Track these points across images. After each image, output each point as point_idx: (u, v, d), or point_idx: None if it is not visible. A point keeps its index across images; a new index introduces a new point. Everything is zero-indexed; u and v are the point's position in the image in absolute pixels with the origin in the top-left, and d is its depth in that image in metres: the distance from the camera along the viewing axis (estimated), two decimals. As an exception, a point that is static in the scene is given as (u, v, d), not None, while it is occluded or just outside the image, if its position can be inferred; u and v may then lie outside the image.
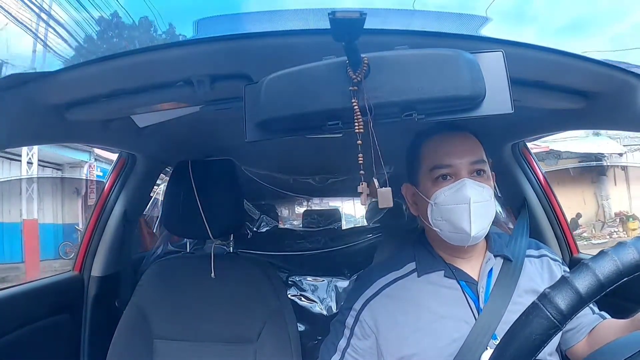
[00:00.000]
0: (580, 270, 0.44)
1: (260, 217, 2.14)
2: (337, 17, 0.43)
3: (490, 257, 0.79)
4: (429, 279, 0.79)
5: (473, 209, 0.71)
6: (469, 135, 0.79)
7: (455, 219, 0.72)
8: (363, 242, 1.92)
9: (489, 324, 0.72)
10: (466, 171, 0.74)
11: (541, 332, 0.43)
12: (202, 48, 0.63)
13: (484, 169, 0.76)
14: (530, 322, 0.44)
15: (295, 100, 0.53)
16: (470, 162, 0.75)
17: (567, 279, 0.44)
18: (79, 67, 0.64)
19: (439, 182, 0.75)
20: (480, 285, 0.77)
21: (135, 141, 1.18)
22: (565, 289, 0.44)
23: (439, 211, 0.74)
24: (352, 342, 0.79)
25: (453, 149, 0.76)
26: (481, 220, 0.72)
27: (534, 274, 0.80)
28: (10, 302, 1.08)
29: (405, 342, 0.74)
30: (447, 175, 0.75)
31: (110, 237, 1.36)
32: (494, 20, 0.63)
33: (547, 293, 0.44)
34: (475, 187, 0.73)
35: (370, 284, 0.81)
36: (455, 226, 0.72)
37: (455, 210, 0.72)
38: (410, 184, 0.82)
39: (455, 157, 0.75)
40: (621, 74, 0.67)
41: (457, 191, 0.73)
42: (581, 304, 0.43)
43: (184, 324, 1.10)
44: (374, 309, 0.78)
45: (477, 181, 0.74)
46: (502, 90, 0.53)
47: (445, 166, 0.75)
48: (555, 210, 1.27)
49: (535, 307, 0.45)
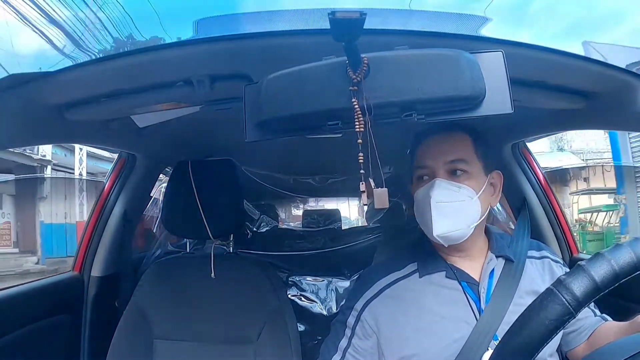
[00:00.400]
0: (596, 259, 0.45)
1: (260, 217, 2.15)
2: (337, 17, 0.43)
3: (492, 257, 0.79)
4: (430, 280, 0.78)
5: (434, 209, 0.72)
6: (454, 135, 0.78)
7: (422, 216, 0.75)
8: (363, 242, 1.92)
9: (490, 325, 0.72)
10: (442, 171, 0.76)
11: (555, 318, 0.43)
12: (202, 48, 0.63)
13: (462, 169, 0.75)
14: (545, 307, 0.44)
15: (295, 100, 0.53)
16: (444, 162, 0.76)
17: (583, 267, 0.44)
18: (79, 67, 0.63)
19: (420, 182, 0.78)
20: (482, 286, 0.76)
21: (135, 141, 1.18)
22: (581, 276, 0.44)
23: (416, 209, 0.78)
24: (353, 341, 0.79)
25: (430, 150, 0.78)
26: (445, 220, 0.72)
27: (535, 275, 0.79)
28: (10, 302, 1.08)
29: (406, 342, 0.74)
30: (425, 176, 0.77)
31: (110, 237, 1.36)
32: (493, 20, 0.63)
33: (563, 279, 0.44)
34: (446, 187, 0.74)
35: (371, 285, 0.81)
36: (425, 224, 0.75)
37: (423, 208, 0.75)
38: (411, 184, 0.83)
39: (431, 157, 0.77)
40: (621, 74, 0.67)
41: (426, 189, 0.75)
42: (596, 292, 0.43)
43: (184, 324, 1.10)
44: (375, 309, 0.78)
45: (453, 181, 0.74)
46: (502, 90, 0.53)
47: (424, 167, 0.77)
48: (555, 210, 1.27)
49: (550, 292, 0.45)
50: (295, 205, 4.12)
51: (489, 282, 0.77)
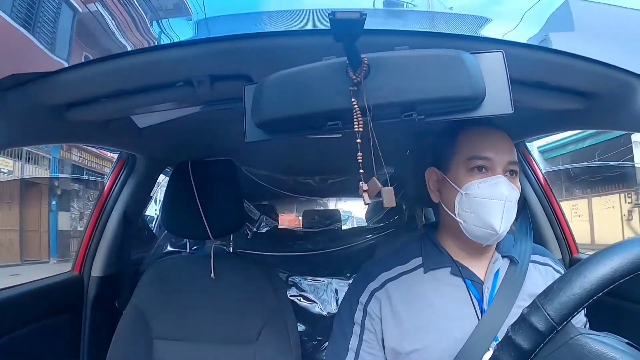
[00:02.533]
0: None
1: (260, 218, 2.15)
2: (337, 18, 0.43)
3: (498, 257, 0.78)
4: (434, 276, 0.78)
5: (507, 206, 0.71)
6: (507, 135, 0.78)
7: (485, 213, 0.71)
8: (363, 243, 1.92)
9: (492, 326, 0.71)
10: (502, 169, 0.73)
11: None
12: (202, 48, 0.63)
13: (517, 171, 0.76)
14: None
15: (295, 100, 0.53)
16: (507, 161, 0.74)
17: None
18: (79, 67, 0.64)
19: (473, 172, 0.74)
20: (486, 285, 0.76)
21: (135, 141, 1.18)
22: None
23: (468, 202, 0.73)
24: (365, 337, 0.77)
25: (494, 144, 0.75)
26: (509, 219, 0.72)
27: (538, 280, 0.79)
28: (10, 302, 1.08)
29: (407, 338, 0.74)
30: (483, 168, 0.74)
31: (110, 237, 1.36)
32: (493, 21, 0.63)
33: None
34: (511, 187, 0.72)
35: (375, 277, 0.80)
36: (484, 220, 0.71)
37: (488, 204, 0.71)
38: (438, 170, 0.80)
39: (495, 151, 0.74)
40: (621, 74, 0.67)
41: (493, 186, 0.72)
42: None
43: (183, 324, 1.10)
44: (379, 300, 0.77)
45: (511, 182, 0.73)
46: (502, 90, 0.53)
47: (484, 158, 0.74)
48: (555, 211, 1.27)
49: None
50: (289, 210, 4.11)
51: (494, 282, 0.77)
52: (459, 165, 0.76)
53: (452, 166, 0.77)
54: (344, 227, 2.75)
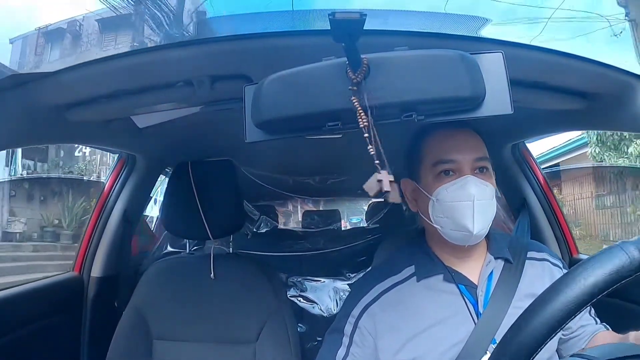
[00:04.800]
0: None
1: (260, 218, 2.15)
2: (337, 18, 0.43)
3: (491, 259, 0.78)
4: (427, 284, 0.77)
5: (477, 206, 0.70)
6: (472, 132, 0.77)
7: (457, 216, 0.71)
8: (362, 243, 1.92)
9: (488, 329, 0.71)
10: (469, 168, 0.72)
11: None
12: (202, 49, 0.63)
13: (486, 167, 0.74)
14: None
15: (295, 101, 0.53)
16: (474, 159, 0.73)
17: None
18: (79, 67, 0.64)
19: (441, 177, 0.73)
20: (480, 289, 0.75)
21: (135, 142, 1.18)
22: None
23: (440, 208, 0.73)
24: (352, 350, 0.77)
25: (457, 145, 0.74)
26: (483, 218, 0.71)
27: (535, 277, 0.78)
28: (10, 302, 1.08)
29: (403, 347, 0.73)
30: (450, 171, 0.73)
31: (110, 237, 1.36)
32: (493, 21, 0.63)
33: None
34: (479, 185, 0.71)
35: (368, 290, 0.79)
36: (458, 223, 0.71)
37: (458, 207, 0.71)
38: (410, 179, 0.80)
39: (459, 152, 0.73)
40: (621, 75, 0.67)
41: (461, 188, 0.71)
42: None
43: (183, 324, 1.10)
44: (373, 315, 0.77)
45: (480, 178, 0.72)
46: (501, 91, 0.53)
47: (449, 161, 0.73)
48: (555, 211, 1.27)
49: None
50: (286, 214, 4.08)
51: (488, 285, 0.76)
52: (427, 172, 0.75)
53: (421, 174, 0.77)
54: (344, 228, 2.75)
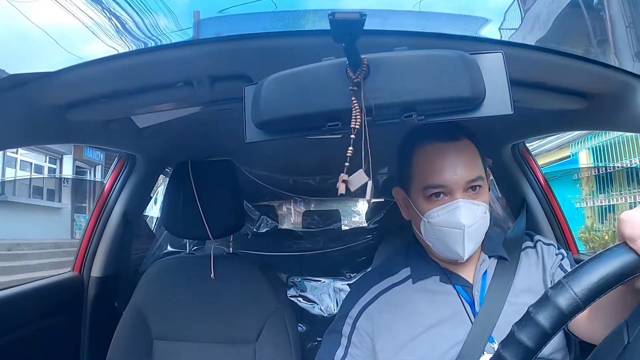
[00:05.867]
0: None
1: (260, 218, 2.15)
2: (336, 18, 0.43)
3: (485, 258, 0.78)
4: (424, 285, 0.77)
5: (467, 234, 0.69)
6: (466, 144, 0.74)
7: (448, 240, 0.71)
8: (362, 243, 1.92)
9: (485, 328, 0.71)
10: (461, 190, 0.71)
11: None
12: (202, 48, 0.63)
13: (480, 184, 0.72)
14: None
15: (295, 101, 0.53)
16: (465, 182, 0.71)
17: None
18: (79, 67, 0.63)
19: (432, 200, 0.72)
20: (475, 288, 0.75)
21: (135, 141, 1.18)
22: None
23: (432, 230, 0.73)
24: (350, 351, 0.77)
25: (449, 165, 0.71)
26: (474, 242, 0.72)
27: (529, 267, 0.78)
28: (10, 302, 1.08)
29: (402, 349, 0.73)
30: (441, 194, 0.72)
31: (110, 237, 1.36)
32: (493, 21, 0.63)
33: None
34: (470, 208, 0.70)
35: (366, 290, 0.80)
36: (448, 247, 0.71)
37: (449, 233, 0.71)
38: (402, 189, 0.79)
39: (449, 174, 0.71)
40: (621, 75, 0.67)
41: (451, 214, 0.70)
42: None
43: (183, 324, 1.10)
44: (371, 316, 0.77)
45: (472, 200, 0.71)
46: (501, 91, 0.53)
47: (439, 186, 0.71)
48: (555, 211, 1.27)
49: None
50: (284, 217, 4.08)
51: (483, 284, 0.76)
52: (417, 192, 0.74)
53: (412, 191, 0.76)
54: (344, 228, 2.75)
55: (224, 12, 0.63)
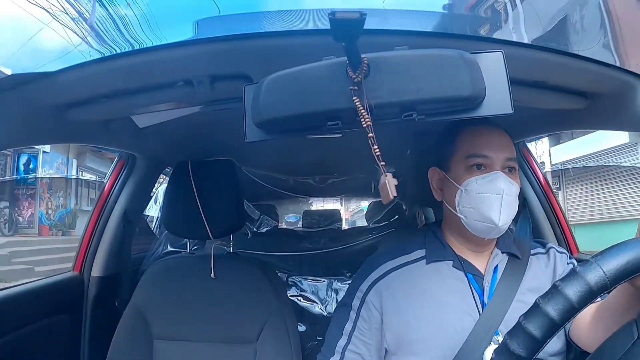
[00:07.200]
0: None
1: (260, 218, 2.15)
2: (337, 18, 0.43)
3: (498, 252, 0.80)
4: (436, 268, 0.79)
5: (504, 200, 0.72)
6: (504, 133, 0.80)
7: (484, 207, 0.73)
8: (363, 243, 1.93)
9: (493, 320, 0.73)
10: (500, 165, 0.75)
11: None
12: (202, 48, 0.63)
13: (515, 167, 0.78)
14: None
15: (295, 100, 0.53)
16: (505, 158, 0.76)
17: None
18: (79, 67, 0.63)
19: (472, 170, 0.76)
20: (486, 279, 0.77)
21: (135, 141, 1.18)
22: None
23: (468, 198, 0.75)
24: (359, 324, 0.79)
25: (491, 142, 0.77)
26: (508, 212, 0.73)
27: (539, 270, 0.80)
28: (10, 302, 1.08)
29: (408, 327, 0.75)
30: (482, 166, 0.76)
31: (110, 237, 1.36)
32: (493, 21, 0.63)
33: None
34: (509, 182, 0.74)
35: (378, 266, 0.81)
36: (483, 215, 0.73)
37: (486, 199, 0.73)
38: (439, 169, 0.82)
39: (492, 150, 0.76)
40: (621, 74, 0.67)
41: (491, 181, 0.74)
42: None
43: (184, 324, 1.10)
44: (380, 291, 0.78)
45: (509, 177, 0.75)
46: (502, 90, 0.53)
47: (482, 156, 0.76)
48: (555, 211, 1.27)
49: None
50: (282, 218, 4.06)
51: (493, 277, 0.78)
52: (458, 164, 0.78)
53: (452, 165, 0.79)
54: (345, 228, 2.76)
55: (224, 12, 0.63)
